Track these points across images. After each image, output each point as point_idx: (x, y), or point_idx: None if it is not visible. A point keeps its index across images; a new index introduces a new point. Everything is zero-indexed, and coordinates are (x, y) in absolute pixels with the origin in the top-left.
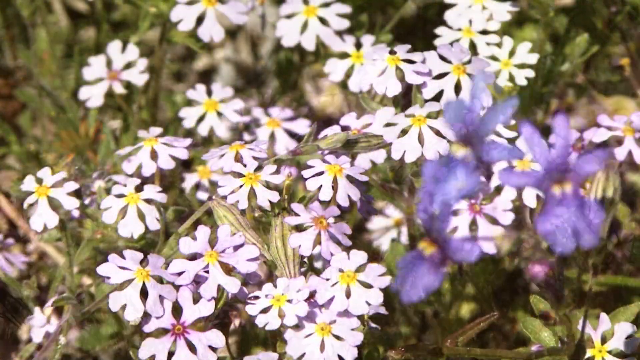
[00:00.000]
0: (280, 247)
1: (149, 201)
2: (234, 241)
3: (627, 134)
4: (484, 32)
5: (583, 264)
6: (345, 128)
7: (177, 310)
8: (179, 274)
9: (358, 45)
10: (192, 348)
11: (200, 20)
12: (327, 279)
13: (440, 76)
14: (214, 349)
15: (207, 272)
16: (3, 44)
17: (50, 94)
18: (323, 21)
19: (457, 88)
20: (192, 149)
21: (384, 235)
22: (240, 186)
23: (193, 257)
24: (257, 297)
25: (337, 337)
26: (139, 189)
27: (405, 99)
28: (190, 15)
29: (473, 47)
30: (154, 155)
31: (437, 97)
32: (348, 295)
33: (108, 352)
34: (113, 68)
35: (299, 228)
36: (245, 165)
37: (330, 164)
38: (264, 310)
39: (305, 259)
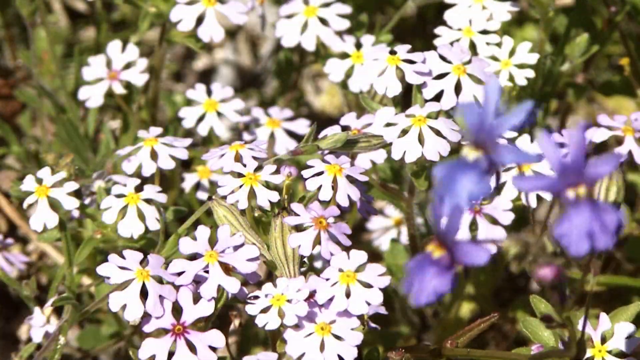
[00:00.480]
0: (280, 247)
1: (148, 201)
2: (233, 241)
3: (627, 133)
4: (484, 32)
5: (586, 265)
6: (345, 128)
7: (177, 310)
8: (179, 274)
9: (358, 45)
10: (192, 348)
11: (200, 20)
12: (327, 279)
13: (441, 76)
14: (214, 349)
15: (207, 272)
16: (3, 44)
17: (50, 94)
18: (323, 21)
19: (458, 88)
20: (191, 149)
21: (384, 235)
22: (240, 186)
23: (193, 257)
24: (257, 297)
25: (337, 337)
26: (139, 189)
27: (405, 99)
28: (190, 15)
29: (473, 47)
30: (154, 155)
31: (438, 97)
32: (348, 295)
33: (108, 352)
34: (113, 68)
35: (299, 228)
36: (245, 165)
37: (330, 164)
38: (264, 310)
39: (305, 259)
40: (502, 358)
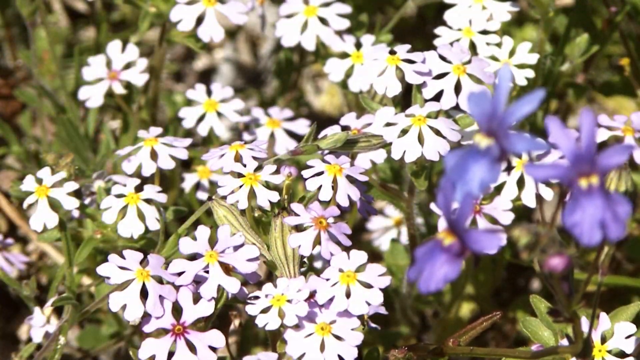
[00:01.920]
0: (280, 247)
1: (148, 201)
2: (233, 241)
3: (627, 133)
4: (484, 32)
5: (594, 263)
6: (345, 128)
7: (177, 310)
8: (179, 274)
9: (358, 45)
10: (192, 348)
11: (200, 20)
12: (327, 279)
13: (441, 76)
14: (214, 349)
15: (207, 272)
16: (3, 44)
17: (50, 94)
18: (323, 21)
19: (458, 88)
20: (191, 149)
21: (384, 235)
22: (240, 186)
23: (193, 257)
24: (257, 297)
25: (337, 337)
26: (138, 189)
27: (405, 99)
28: (190, 15)
29: (473, 47)
30: (154, 155)
31: (437, 97)
32: (348, 295)
33: (108, 352)
34: (113, 68)
35: (299, 228)
36: (245, 165)
37: (330, 164)
38: (264, 310)
39: (305, 259)
40: (504, 356)
